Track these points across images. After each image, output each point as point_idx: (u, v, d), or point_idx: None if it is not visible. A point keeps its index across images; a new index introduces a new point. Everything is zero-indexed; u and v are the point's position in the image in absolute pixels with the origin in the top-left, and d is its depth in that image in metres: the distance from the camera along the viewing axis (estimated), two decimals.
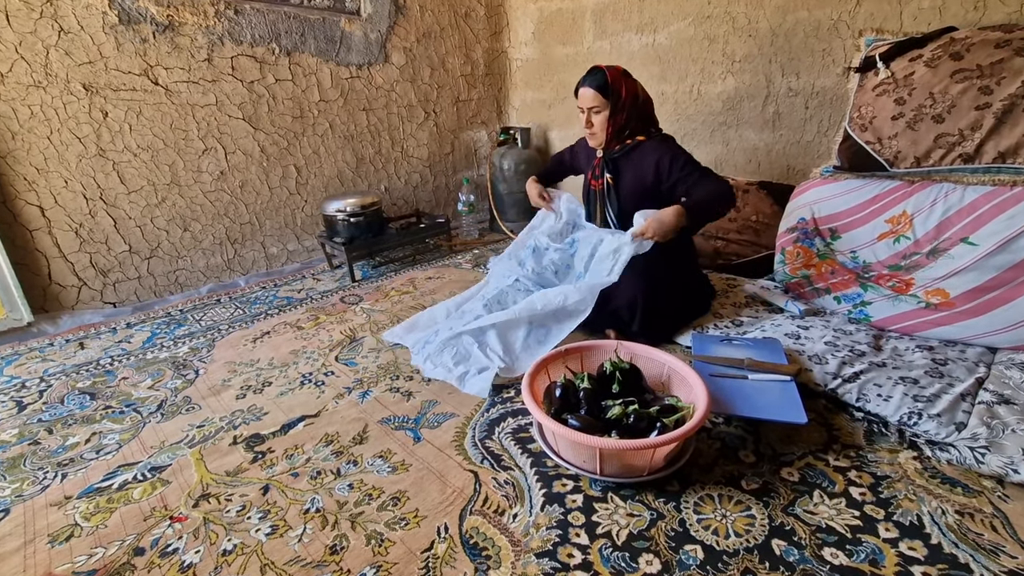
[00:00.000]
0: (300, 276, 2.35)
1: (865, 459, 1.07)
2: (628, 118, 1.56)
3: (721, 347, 1.38)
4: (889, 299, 1.51)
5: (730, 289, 1.84)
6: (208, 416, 1.34)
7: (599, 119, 1.56)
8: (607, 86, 1.51)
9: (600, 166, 1.65)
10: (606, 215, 1.69)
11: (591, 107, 1.55)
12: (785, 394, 1.15)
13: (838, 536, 0.90)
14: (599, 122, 1.56)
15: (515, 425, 1.24)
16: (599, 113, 1.55)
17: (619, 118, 1.54)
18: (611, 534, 0.92)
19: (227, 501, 1.05)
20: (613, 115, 1.54)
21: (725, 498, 0.99)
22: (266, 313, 1.97)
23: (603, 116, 1.55)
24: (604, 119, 1.55)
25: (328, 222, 2.27)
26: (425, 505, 1.01)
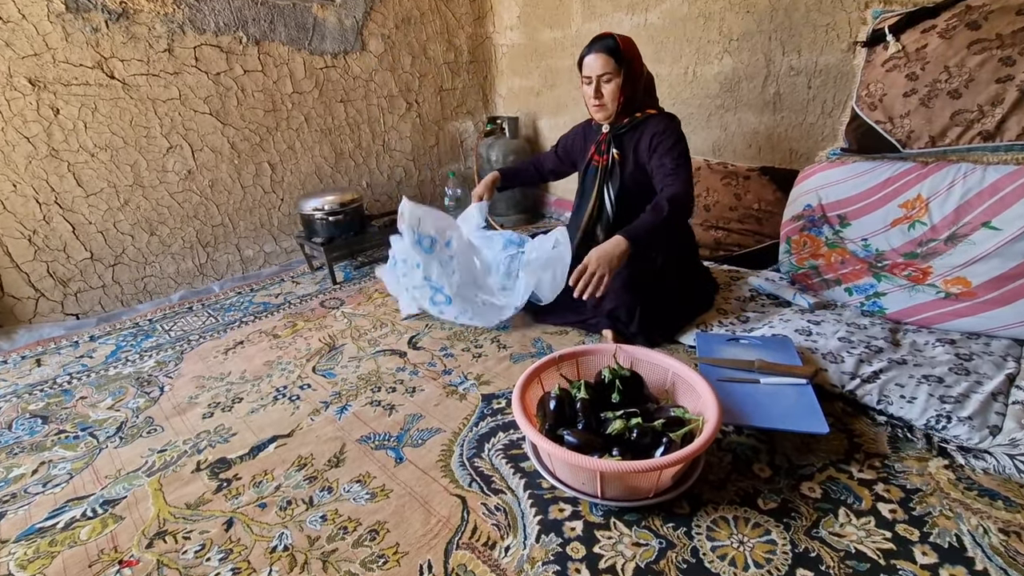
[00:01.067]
0: (278, 279, 2.22)
1: (892, 470, 0.97)
2: (637, 89, 1.45)
3: (728, 347, 1.27)
4: (905, 290, 1.40)
5: (733, 282, 1.74)
6: (171, 439, 1.22)
7: (610, 88, 1.42)
8: (619, 51, 1.39)
9: (607, 141, 1.54)
10: (604, 194, 1.58)
11: (601, 74, 1.41)
12: (802, 399, 1.04)
13: (870, 563, 0.80)
14: (610, 92, 1.43)
15: (507, 440, 1.13)
16: (610, 81, 1.42)
17: (631, 87, 1.43)
18: (616, 569, 0.82)
19: (185, 540, 0.94)
20: (626, 83, 1.42)
21: (741, 521, 0.89)
22: (240, 321, 1.84)
23: (615, 84, 1.42)
24: (616, 87, 1.42)
25: (306, 221, 2.15)
26: (407, 539, 0.90)
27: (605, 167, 1.56)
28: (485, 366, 1.43)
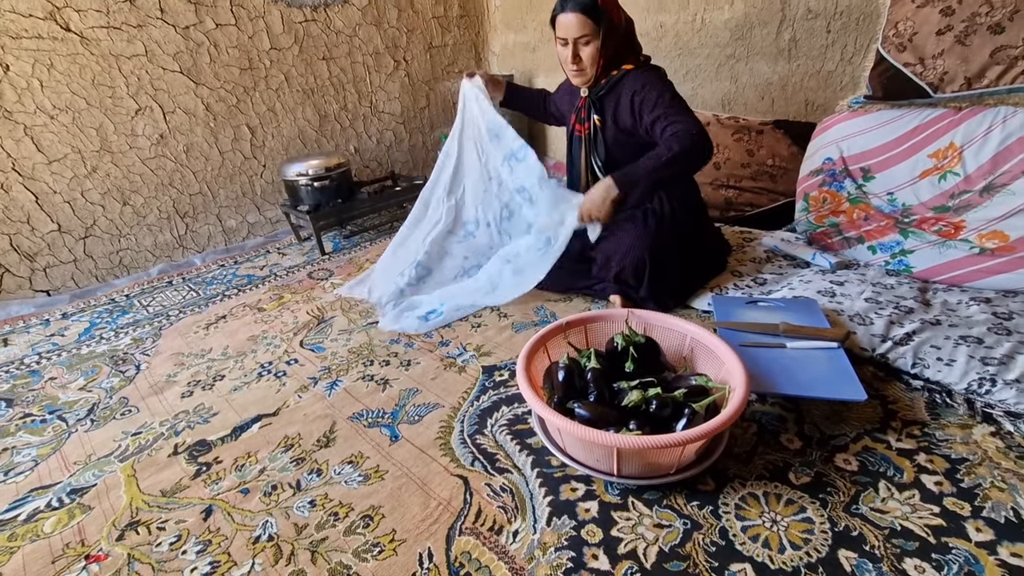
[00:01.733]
0: (263, 251, 2.10)
1: (933, 438, 0.89)
2: (619, 44, 1.30)
3: (748, 311, 1.18)
4: (935, 246, 1.31)
5: (746, 244, 1.64)
6: (146, 421, 1.13)
7: (589, 51, 1.27)
8: (596, 7, 1.23)
9: (586, 107, 1.40)
10: (592, 165, 1.45)
11: (579, 37, 1.25)
12: (834, 365, 0.95)
13: (919, 541, 0.72)
14: (589, 55, 1.28)
15: (511, 415, 1.04)
16: (589, 44, 1.26)
17: (612, 44, 1.28)
18: (637, 553, 0.74)
19: (159, 531, 0.85)
20: (606, 42, 1.27)
21: (772, 497, 0.81)
22: (223, 295, 1.73)
23: (593, 47, 1.27)
24: (595, 50, 1.27)
25: (290, 188, 2.02)
26: (404, 524, 0.82)
27: (588, 137, 1.43)
28: (485, 336, 1.33)
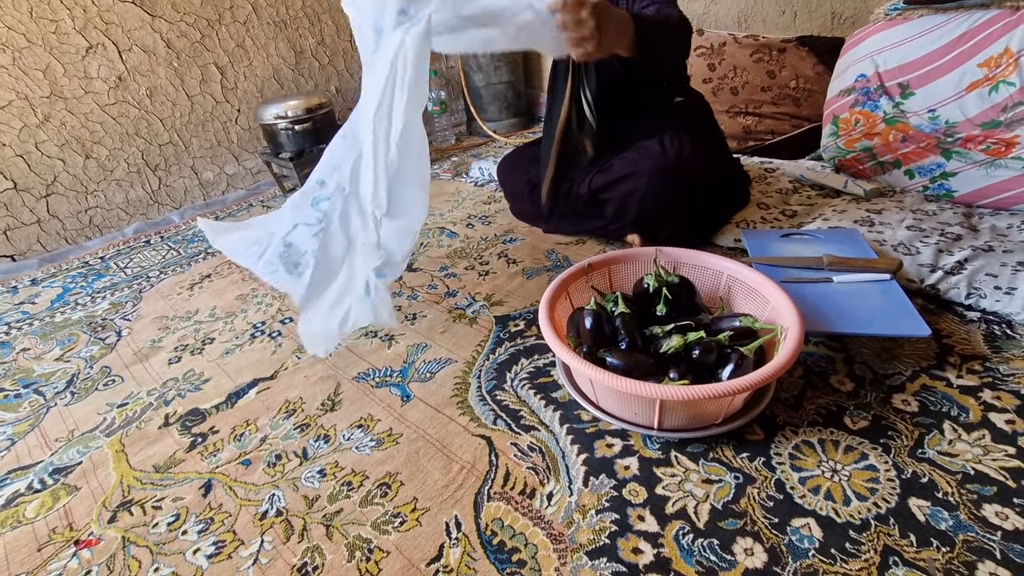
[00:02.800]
0: (246, 205, 1.95)
1: (997, 373, 0.81)
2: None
3: (785, 244, 1.08)
4: (981, 166, 1.20)
5: (769, 175, 1.52)
6: (132, 391, 1.03)
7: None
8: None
9: None
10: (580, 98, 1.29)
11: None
12: (889, 299, 0.87)
13: (996, 485, 0.65)
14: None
15: (531, 367, 0.95)
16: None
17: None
18: (687, 512, 0.67)
19: (155, 510, 0.77)
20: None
21: (829, 444, 0.74)
22: (206, 252, 1.61)
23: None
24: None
25: (269, 133, 1.85)
26: (425, 492, 0.74)
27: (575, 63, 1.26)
28: (495, 284, 1.23)
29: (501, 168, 1.58)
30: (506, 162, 1.56)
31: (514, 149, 1.61)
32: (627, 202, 1.21)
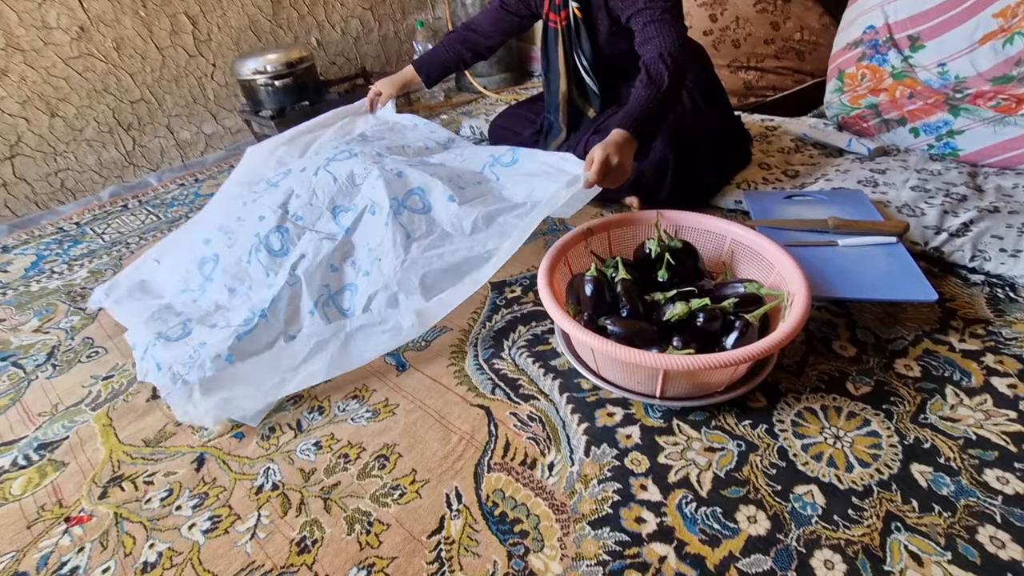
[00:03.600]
0: (227, 166, 1.87)
1: (999, 337, 0.81)
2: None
3: (788, 206, 1.05)
4: (989, 124, 1.16)
5: (770, 133, 1.47)
6: (117, 363, 1.00)
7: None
8: None
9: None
10: (576, 64, 1.23)
11: None
12: (895, 262, 0.85)
13: (998, 450, 0.66)
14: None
15: (529, 335, 0.93)
16: None
17: None
18: (690, 481, 0.66)
19: (147, 485, 0.75)
20: None
21: (832, 411, 0.73)
22: (186, 216, 1.54)
23: None
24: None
25: (248, 90, 1.75)
26: (424, 463, 0.73)
27: (567, 29, 1.19)
28: None
29: (493, 130, 1.52)
30: (498, 123, 1.51)
31: (506, 108, 1.55)
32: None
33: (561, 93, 1.26)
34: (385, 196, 1.03)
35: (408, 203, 1.04)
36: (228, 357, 0.88)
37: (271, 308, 0.94)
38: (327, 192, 1.08)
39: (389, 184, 1.05)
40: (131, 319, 1.04)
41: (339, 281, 1.00)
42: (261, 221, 1.07)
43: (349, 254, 1.03)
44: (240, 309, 0.99)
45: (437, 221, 1.03)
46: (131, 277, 1.15)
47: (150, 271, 1.16)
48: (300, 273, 0.98)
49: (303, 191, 1.09)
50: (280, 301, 0.96)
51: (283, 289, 0.96)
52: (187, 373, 0.86)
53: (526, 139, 1.39)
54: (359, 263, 1.01)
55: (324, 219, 1.07)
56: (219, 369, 0.86)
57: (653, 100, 0.96)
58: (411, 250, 0.98)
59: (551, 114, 1.34)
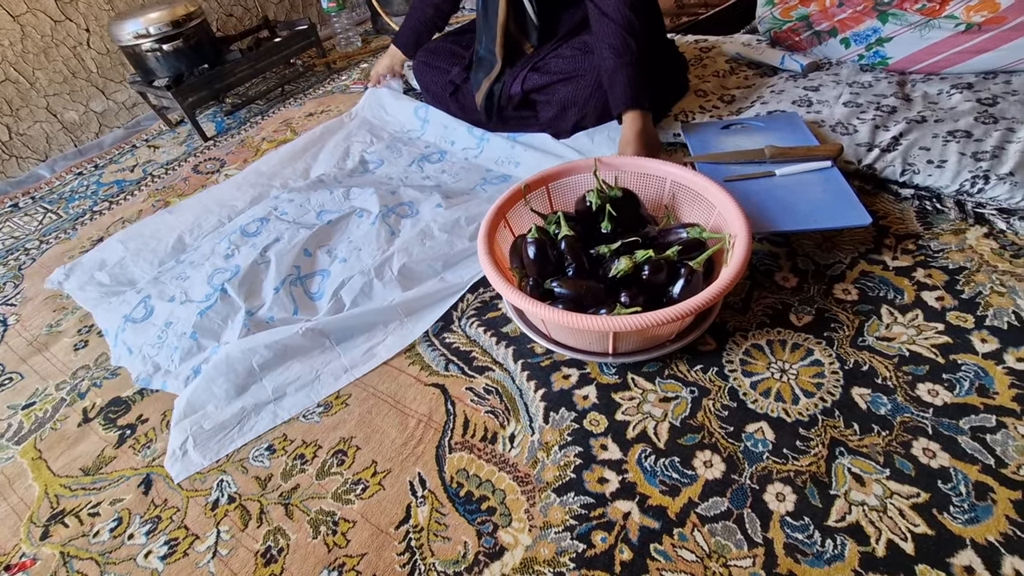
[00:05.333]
0: (128, 147, 1.68)
1: (928, 250, 0.84)
2: None
3: (725, 137, 1.03)
4: (916, 28, 1.15)
5: (704, 55, 1.42)
6: (37, 387, 0.92)
7: None
8: None
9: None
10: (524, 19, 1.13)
11: None
12: (831, 187, 0.85)
13: (928, 364, 0.69)
14: None
15: (477, 303, 0.91)
16: None
17: None
18: (648, 434, 0.68)
19: (93, 517, 0.71)
20: None
21: (777, 345, 0.75)
22: (91, 211, 1.40)
23: None
24: None
25: (135, 58, 1.54)
26: (384, 453, 0.71)
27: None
28: None
29: (418, 68, 1.39)
30: (422, 60, 1.37)
31: (430, 43, 1.41)
32: (567, 107, 1.11)
33: (500, 22, 1.16)
34: (376, 204, 1.07)
35: (397, 210, 1.08)
36: (192, 334, 0.90)
37: (231, 281, 0.95)
38: (319, 200, 1.15)
39: (382, 197, 1.09)
40: (95, 303, 1.04)
41: (311, 266, 1.01)
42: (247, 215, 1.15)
43: (326, 243, 1.05)
44: (199, 282, 1.00)
45: (423, 220, 1.04)
46: (93, 259, 1.15)
47: (115, 253, 1.15)
48: (271, 254, 1.01)
49: (297, 198, 1.16)
50: (243, 275, 0.97)
51: (250, 266, 0.98)
52: (157, 355, 0.89)
53: (455, 77, 1.28)
54: (336, 252, 1.03)
55: (309, 216, 1.11)
56: (186, 349, 0.88)
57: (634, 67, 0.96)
58: (394, 244, 1.00)
59: (484, 46, 1.23)
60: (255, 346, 0.83)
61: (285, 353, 0.84)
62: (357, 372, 0.82)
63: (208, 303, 0.94)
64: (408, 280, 0.93)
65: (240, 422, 0.78)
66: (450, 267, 0.95)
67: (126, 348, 0.92)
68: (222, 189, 1.30)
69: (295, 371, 0.83)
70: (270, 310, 0.91)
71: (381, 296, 0.91)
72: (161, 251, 1.13)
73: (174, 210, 1.26)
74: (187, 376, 0.85)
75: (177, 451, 0.76)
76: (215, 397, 0.80)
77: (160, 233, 1.18)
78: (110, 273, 1.09)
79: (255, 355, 0.83)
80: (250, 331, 0.87)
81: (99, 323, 1.00)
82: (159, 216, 1.25)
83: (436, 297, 0.90)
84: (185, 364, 0.87)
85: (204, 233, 1.16)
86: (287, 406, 0.79)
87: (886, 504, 0.57)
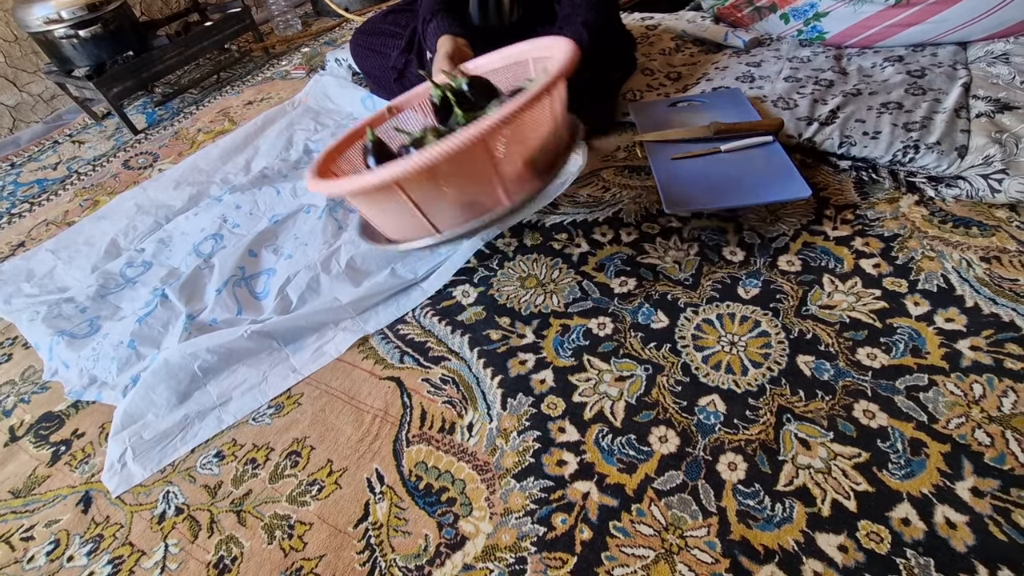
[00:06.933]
0: (50, 143, 1.56)
1: (865, 219, 0.87)
2: None
3: (671, 115, 1.03)
4: (850, 4, 1.18)
5: (651, 33, 1.43)
6: None
7: None
8: None
9: None
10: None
11: None
12: (773, 161, 0.87)
13: (867, 329, 0.72)
14: None
15: (432, 292, 0.89)
16: None
17: None
18: (604, 414, 0.68)
19: (27, 542, 0.67)
20: None
21: (726, 318, 0.76)
22: (9, 213, 1.29)
23: None
24: None
25: (48, 46, 1.42)
26: (339, 451, 0.70)
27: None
28: None
29: (356, 51, 1.31)
30: (359, 42, 1.28)
31: (363, 25, 1.33)
32: None
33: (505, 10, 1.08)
34: (323, 198, 1.04)
35: (345, 203, 1.03)
36: (131, 343, 0.85)
37: (171, 287, 0.92)
38: (268, 204, 1.10)
39: None
40: (21, 316, 0.96)
41: (256, 266, 0.97)
42: (200, 232, 1.07)
43: (271, 242, 1.01)
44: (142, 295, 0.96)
45: None
46: (19, 269, 1.08)
47: (45, 263, 1.08)
48: (216, 259, 0.97)
49: (245, 203, 1.11)
50: (183, 280, 0.93)
51: (193, 271, 0.95)
52: (93, 367, 0.83)
53: (396, 62, 1.23)
54: (282, 249, 0.99)
55: (262, 223, 1.06)
56: (124, 359, 0.83)
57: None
58: (341, 237, 0.97)
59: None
60: (197, 350, 0.79)
61: (230, 356, 0.80)
62: (306, 371, 0.79)
63: (147, 309, 0.89)
64: (356, 273, 0.90)
65: (183, 430, 0.75)
66: (400, 259, 0.92)
67: (61, 362, 0.86)
68: (157, 187, 1.22)
69: (241, 374, 0.80)
70: (212, 312, 0.87)
71: (329, 290, 0.88)
72: (94, 256, 1.06)
73: (107, 213, 1.18)
74: (125, 386, 0.80)
75: (116, 464, 0.72)
76: (155, 405, 0.76)
77: (93, 239, 1.11)
78: (39, 284, 1.02)
79: (197, 360, 0.79)
80: (191, 335, 0.83)
81: (28, 337, 0.93)
82: (91, 221, 1.17)
83: (388, 292, 0.88)
84: (123, 374, 0.82)
85: (140, 236, 1.10)
86: (232, 410, 0.76)
87: (830, 466, 0.59)
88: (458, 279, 0.89)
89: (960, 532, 0.53)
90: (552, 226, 0.95)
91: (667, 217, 0.92)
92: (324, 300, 0.86)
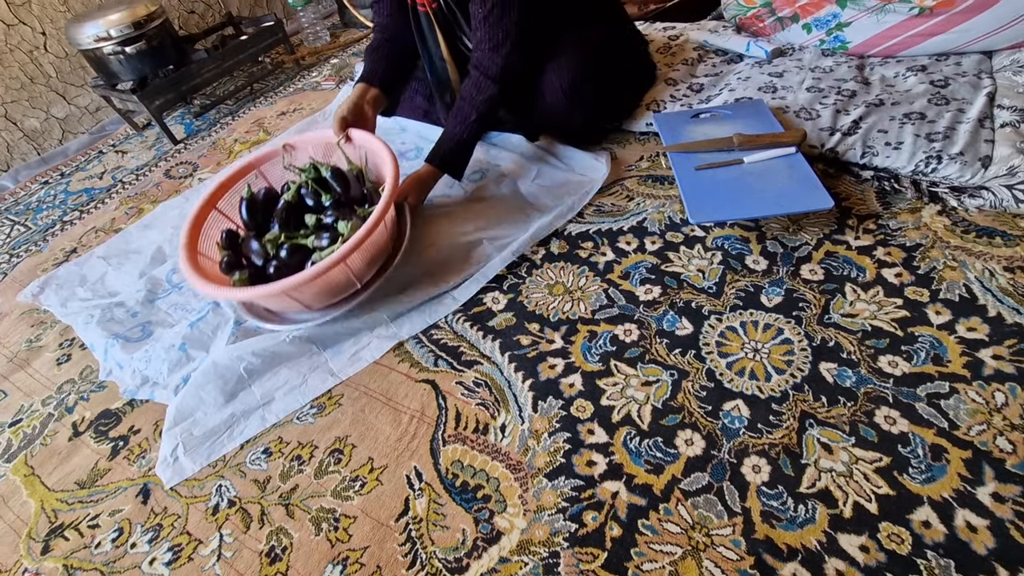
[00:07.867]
0: (95, 154, 1.65)
1: (887, 229, 0.88)
2: None
3: (695, 126, 1.06)
4: (872, 13, 1.19)
5: (672, 43, 1.45)
6: (23, 404, 0.92)
7: None
8: None
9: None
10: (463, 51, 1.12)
11: None
12: (796, 173, 0.89)
13: (889, 337, 0.74)
14: None
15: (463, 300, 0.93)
16: None
17: None
18: (632, 417, 0.71)
19: (93, 529, 0.72)
20: None
21: (750, 326, 0.79)
22: (61, 221, 1.37)
23: None
24: None
25: (96, 61, 1.50)
26: (379, 449, 0.74)
27: (439, 13, 1.06)
28: None
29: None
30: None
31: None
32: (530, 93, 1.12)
33: (452, 81, 1.16)
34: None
35: None
36: (182, 346, 0.90)
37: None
38: None
39: None
40: (77, 318, 1.03)
41: None
42: None
43: None
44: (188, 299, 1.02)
45: None
46: (73, 274, 1.14)
47: (96, 269, 1.15)
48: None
49: None
50: None
51: None
52: (145, 368, 0.89)
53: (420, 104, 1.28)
54: None
55: None
56: (175, 361, 0.88)
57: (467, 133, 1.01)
58: None
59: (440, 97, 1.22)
60: (242, 353, 0.84)
61: (273, 359, 0.85)
62: (343, 375, 0.84)
63: (200, 315, 0.94)
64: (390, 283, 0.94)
65: (230, 427, 0.79)
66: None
67: (115, 363, 0.92)
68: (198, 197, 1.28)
69: (283, 376, 0.84)
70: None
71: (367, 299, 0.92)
72: (142, 263, 1.12)
73: (152, 222, 1.24)
74: (176, 385, 0.85)
75: (168, 457, 0.77)
76: (204, 403, 0.81)
77: (141, 246, 1.17)
78: (92, 288, 1.09)
79: (242, 362, 0.84)
80: (238, 339, 0.88)
81: (84, 339, 0.99)
82: (138, 229, 1.23)
83: (422, 299, 0.91)
84: (175, 375, 0.87)
85: None
86: (275, 410, 0.81)
87: (852, 469, 0.61)
88: (488, 286, 0.92)
89: (981, 535, 0.55)
90: (578, 235, 0.98)
91: (691, 226, 0.94)
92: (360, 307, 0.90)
